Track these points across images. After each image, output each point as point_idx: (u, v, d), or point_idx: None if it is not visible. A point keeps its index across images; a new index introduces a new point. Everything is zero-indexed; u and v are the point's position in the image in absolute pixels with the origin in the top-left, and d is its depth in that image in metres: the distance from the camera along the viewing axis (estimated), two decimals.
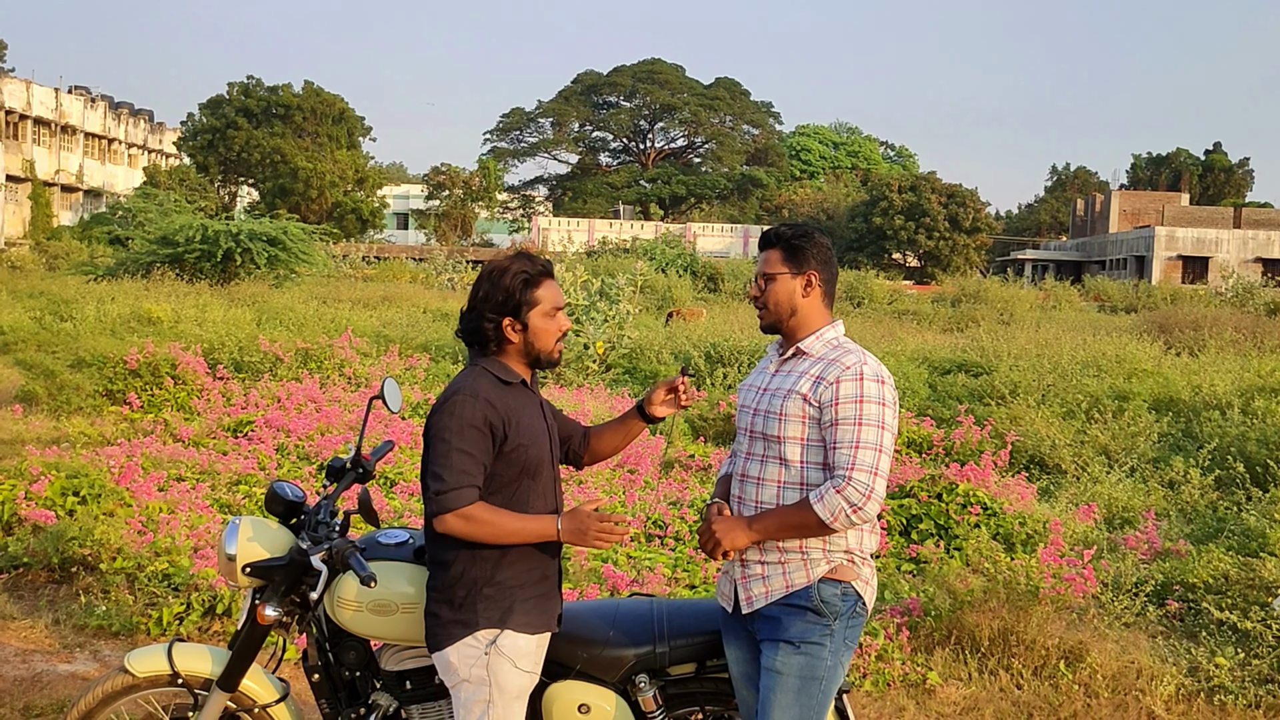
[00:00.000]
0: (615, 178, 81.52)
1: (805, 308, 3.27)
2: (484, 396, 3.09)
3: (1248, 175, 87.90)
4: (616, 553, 6.35)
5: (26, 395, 11.88)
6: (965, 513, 6.92)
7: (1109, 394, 11.19)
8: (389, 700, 3.37)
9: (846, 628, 3.16)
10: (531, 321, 3.19)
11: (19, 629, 5.67)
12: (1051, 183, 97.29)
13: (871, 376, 3.12)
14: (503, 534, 3.05)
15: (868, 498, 3.01)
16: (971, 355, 14.79)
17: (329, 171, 61.59)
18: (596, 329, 14.69)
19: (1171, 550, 6.77)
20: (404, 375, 12.62)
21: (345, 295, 25.09)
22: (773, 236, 3.32)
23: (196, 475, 7.70)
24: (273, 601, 3.28)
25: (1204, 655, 5.35)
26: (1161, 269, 57.76)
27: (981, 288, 36.05)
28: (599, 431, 3.56)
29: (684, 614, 3.46)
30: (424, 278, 38.75)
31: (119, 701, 3.48)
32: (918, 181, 65.63)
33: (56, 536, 6.19)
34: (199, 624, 5.58)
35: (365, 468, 3.53)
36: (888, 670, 5.27)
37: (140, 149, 73.93)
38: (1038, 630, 5.41)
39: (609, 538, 3.08)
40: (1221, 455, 8.83)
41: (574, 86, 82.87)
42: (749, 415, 3.31)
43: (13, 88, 59.52)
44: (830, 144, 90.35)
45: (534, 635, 3.16)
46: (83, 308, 18.42)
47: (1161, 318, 23.07)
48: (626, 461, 8.44)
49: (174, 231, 27.23)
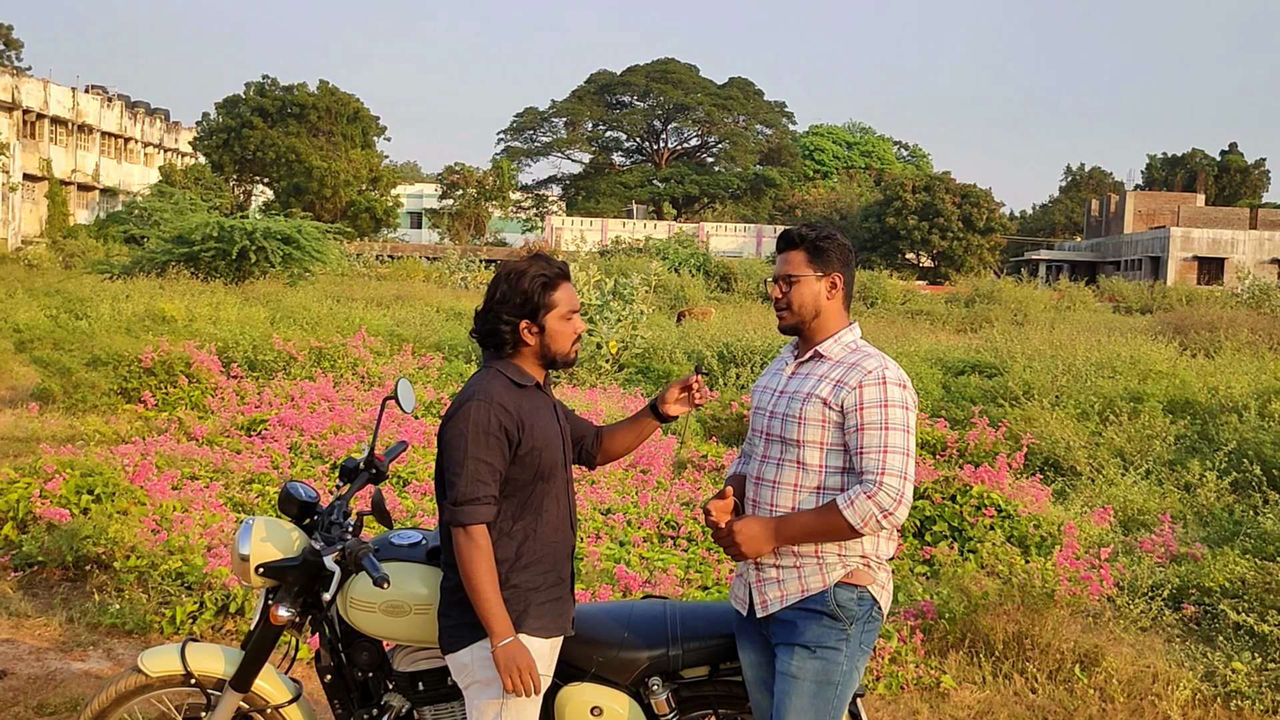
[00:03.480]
0: (628, 177, 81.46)
1: (828, 310, 3.24)
2: (498, 401, 3.08)
3: (1264, 176, 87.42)
4: (629, 553, 6.35)
5: (42, 393, 11.94)
6: (980, 515, 6.90)
7: (1124, 395, 11.12)
8: (401, 701, 3.37)
9: (862, 632, 3.14)
10: (548, 324, 3.18)
11: (33, 627, 5.69)
12: (1066, 183, 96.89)
13: (894, 381, 3.09)
14: (475, 579, 3.00)
15: (899, 502, 3.00)
16: (985, 356, 14.73)
17: (343, 170, 61.67)
18: (610, 329, 14.68)
19: (1187, 554, 6.73)
20: (417, 374, 12.63)
21: (359, 294, 25.15)
22: (795, 237, 3.27)
23: (210, 474, 7.72)
24: (286, 602, 3.27)
25: (1220, 659, 5.31)
26: (1177, 270, 57.48)
27: (995, 288, 35.89)
28: (612, 431, 3.55)
29: (697, 616, 3.44)
30: (437, 277, 38.81)
31: (132, 701, 3.48)
32: (932, 181, 65.47)
33: (71, 535, 6.21)
34: (212, 623, 5.59)
35: (379, 468, 3.53)
36: (901, 673, 5.25)
37: (156, 148, 74.14)
38: (1053, 634, 5.38)
39: (519, 687, 3.00)
40: (1238, 458, 8.77)
41: (587, 86, 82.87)
42: (764, 417, 3.28)
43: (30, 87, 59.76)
44: (844, 144, 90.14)
45: (548, 639, 3.15)
46: (98, 306, 18.49)
47: (1177, 319, 22.98)
48: (639, 462, 8.43)
49: (189, 230, 27.34)
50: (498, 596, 3.03)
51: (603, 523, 6.89)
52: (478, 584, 3.00)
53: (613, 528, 6.82)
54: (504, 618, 3.02)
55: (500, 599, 3.03)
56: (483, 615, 3.01)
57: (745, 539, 3.12)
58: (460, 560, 3.03)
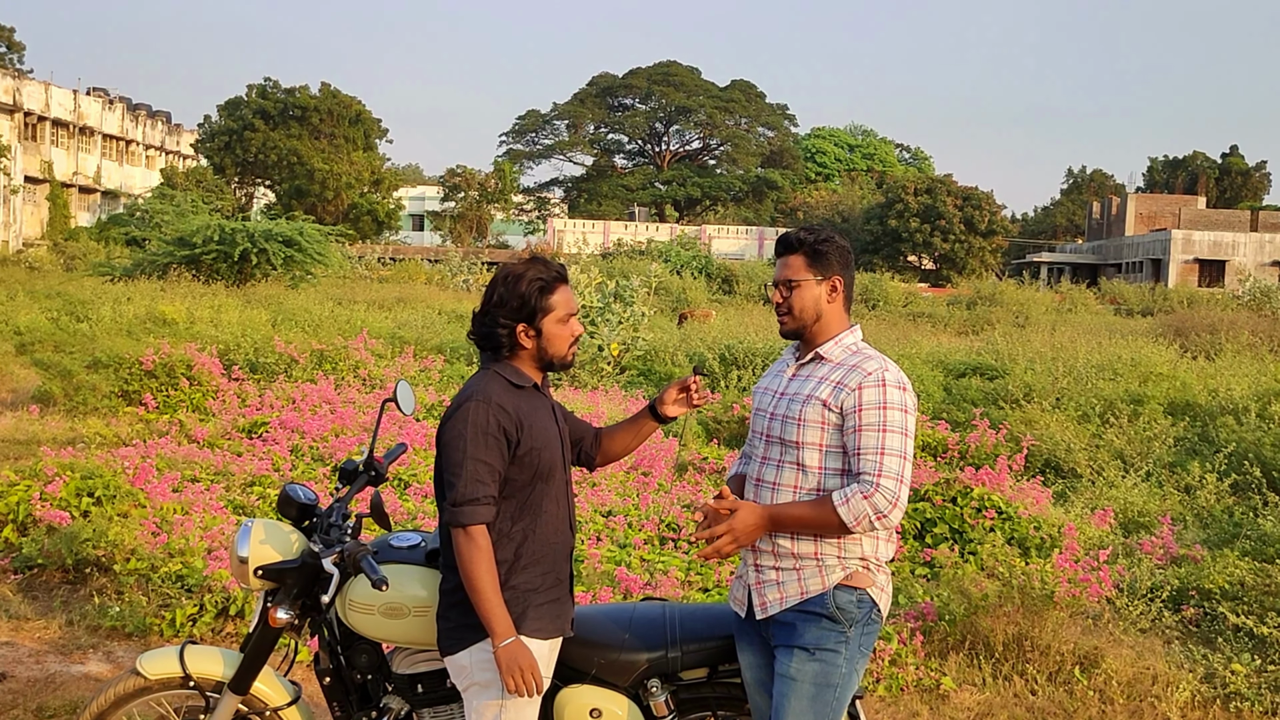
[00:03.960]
0: (630, 180, 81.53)
1: (829, 313, 3.24)
2: (496, 402, 3.09)
3: (1265, 178, 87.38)
4: (630, 555, 6.35)
5: (43, 396, 11.95)
6: (980, 517, 6.89)
7: (1124, 398, 11.12)
8: (400, 703, 3.38)
9: (862, 634, 3.14)
10: (545, 327, 3.18)
11: (33, 629, 5.70)
12: (1067, 185, 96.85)
13: (894, 383, 3.10)
14: (476, 580, 3.01)
15: (894, 505, 3.00)
16: (986, 358, 14.72)
17: (345, 173, 61.71)
18: (611, 331, 14.67)
19: (1187, 556, 6.72)
20: (419, 376, 12.63)
21: (361, 296, 25.16)
22: (794, 241, 3.27)
23: (211, 476, 7.72)
24: (284, 604, 3.28)
25: (1220, 661, 5.31)
26: (1178, 272, 57.48)
27: (997, 290, 35.91)
28: (611, 432, 3.56)
29: (696, 618, 3.45)
30: (439, 279, 38.82)
31: (131, 703, 3.49)
32: (933, 184, 65.42)
33: (71, 537, 6.22)
34: (212, 625, 5.59)
35: (378, 470, 3.54)
36: (901, 675, 5.25)
37: (158, 150, 74.22)
38: (1052, 635, 5.38)
39: (521, 687, 3.01)
40: (1238, 460, 8.76)
41: (589, 89, 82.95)
42: (765, 419, 3.28)
43: (31, 89, 59.83)
44: (845, 146, 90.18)
45: (547, 640, 3.16)
46: (99, 308, 18.49)
47: (1178, 321, 22.96)
48: (640, 464, 8.43)
49: (191, 232, 27.37)
50: (499, 597, 3.03)
51: (604, 525, 6.89)
52: (478, 584, 3.01)
53: (614, 530, 6.82)
54: (505, 618, 3.02)
55: (501, 599, 3.03)
56: (484, 616, 3.01)
57: (738, 526, 3.09)
58: (461, 561, 3.03)
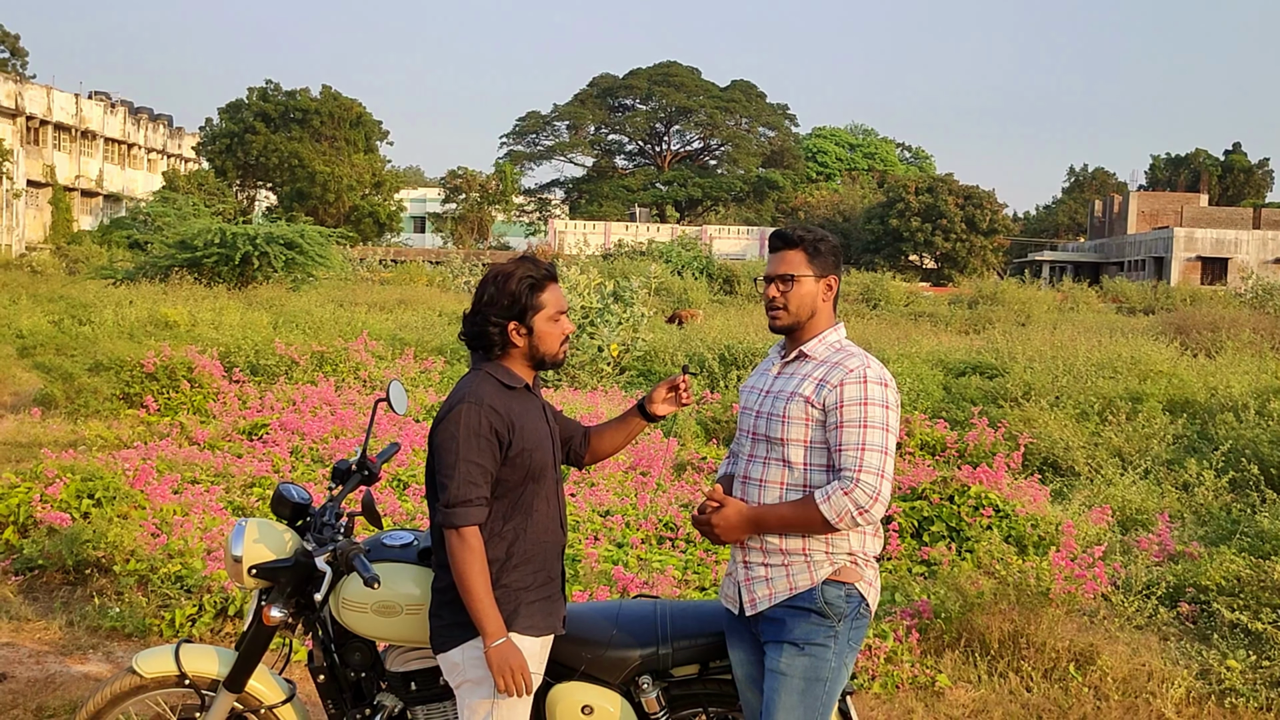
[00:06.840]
0: (631, 180, 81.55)
1: (822, 311, 3.27)
2: (488, 403, 3.11)
3: (1267, 176, 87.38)
4: (628, 555, 6.37)
5: (45, 398, 11.98)
6: (977, 515, 6.90)
7: (1123, 396, 11.12)
8: (394, 701, 3.40)
9: (850, 629, 3.16)
10: (536, 326, 3.21)
11: (33, 630, 5.72)
12: (1069, 184, 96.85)
13: (875, 379, 3.12)
14: (468, 580, 3.03)
15: (875, 500, 3.02)
16: (986, 357, 14.70)
17: (346, 175, 61.80)
18: (610, 332, 14.67)
19: (1185, 552, 6.74)
20: (419, 378, 12.65)
21: (362, 298, 25.16)
22: (793, 238, 3.29)
23: (211, 478, 7.75)
24: (278, 603, 3.30)
25: (1215, 658, 5.32)
26: (1180, 270, 57.45)
27: (999, 289, 35.83)
28: (599, 431, 3.58)
29: (687, 615, 3.47)
30: (440, 281, 38.80)
31: (127, 702, 3.52)
32: (934, 183, 65.45)
33: (71, 539, 6.24)
34: (211, 625, 5.61)
35: (370, 470, 3.56)
36: (897, 672, 5.27)
37: (159, 154, 74.37)
38: (1048, 632, 5.39)
39: (511, 687, 3.03)
40: (1236, 457, 8.77)
41: (590, 90, 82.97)
42: (750, 417, 3.31)
43: (34, 94, 59.97)
44: (846, 146, 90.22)
45: (538, 638, 3.18)
46: (101, 311, 18.55)
47: (1179, 319, 22.92)
48: (639, 464, 8.45)
49: (192, 235, 27.40)
50: (490, 597, 3.05)
51: (601, 524, 6.91)
52: (470, 585, 3.03)
53: (611, 529, 6.84)
54: (496, 618, 3.04)
55: (493, 599, 3.06)
56: (475, 616, 3.03)
57: (722, 528, 3.17)
58: (453, 561, 3.05)
